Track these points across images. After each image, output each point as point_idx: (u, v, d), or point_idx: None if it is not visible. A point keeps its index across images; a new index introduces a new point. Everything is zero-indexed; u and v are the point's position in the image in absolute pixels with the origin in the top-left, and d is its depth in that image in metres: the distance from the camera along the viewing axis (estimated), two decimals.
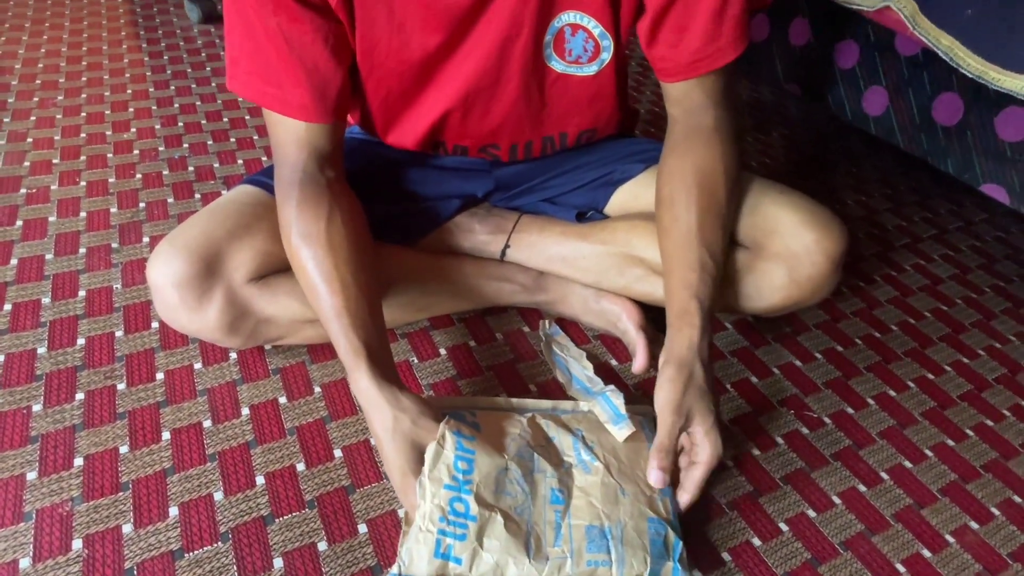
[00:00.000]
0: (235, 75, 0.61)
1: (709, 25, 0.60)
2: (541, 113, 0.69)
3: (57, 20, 1.50)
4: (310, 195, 0.61)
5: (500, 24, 0.60)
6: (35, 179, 0.98)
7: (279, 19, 0.57)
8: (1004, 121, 0.79)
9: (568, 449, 0.58)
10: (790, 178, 1.20)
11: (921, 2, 0.80)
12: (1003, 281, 1.01)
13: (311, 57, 0.58)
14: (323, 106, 0.60)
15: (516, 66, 0.63)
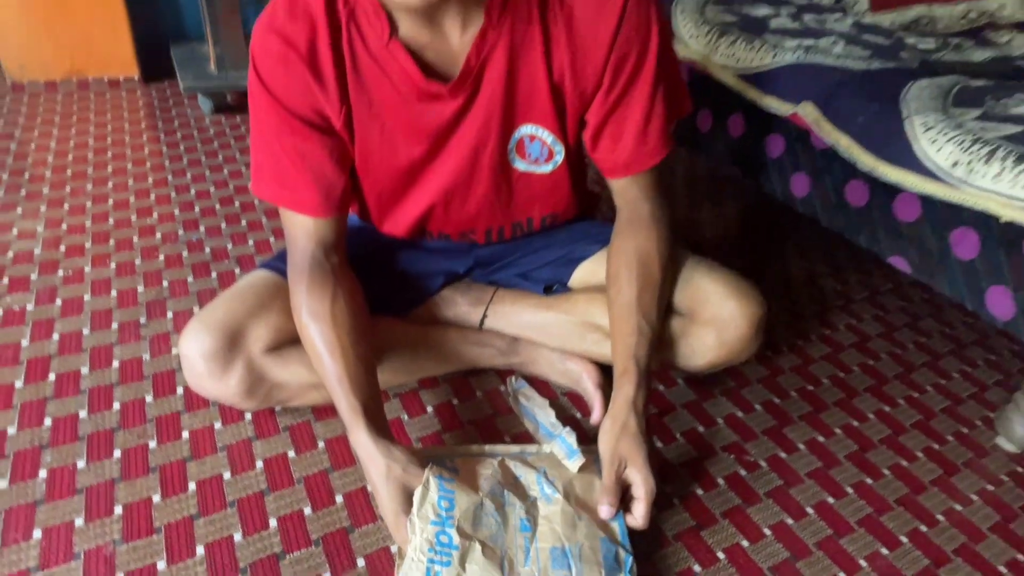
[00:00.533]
0: (258, 181, 0.75)
1: (637, 136, 0.75)
2: (509, 204, 0.83)
3: (83, 114, 1.67)
4: (317, 278, 0.74)
5: (471, 136, 0.75)
6: (70, 261, 1.11)
7: (295, 140, 0.71)
8: (900, 204, 0.94)
9: (533, 485, 0.69)
10: (742, 245, 1.35)
11: (823, 109, 0.97)
12: (924, 337, 1.15)
13: (319, 167, 0.73)
14: (329, 204, 0.74)
15: (486, 168, 0.78)
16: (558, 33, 0.69)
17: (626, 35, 0.69)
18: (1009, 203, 0.77)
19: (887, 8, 1.31)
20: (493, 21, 0.67)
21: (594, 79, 0.71)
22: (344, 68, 0.69)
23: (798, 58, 1.04)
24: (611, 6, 0.68)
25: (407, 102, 0.71)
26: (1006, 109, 0.88)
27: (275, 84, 0.69)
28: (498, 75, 0.70)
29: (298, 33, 0.66)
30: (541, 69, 0.70)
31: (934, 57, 1.15)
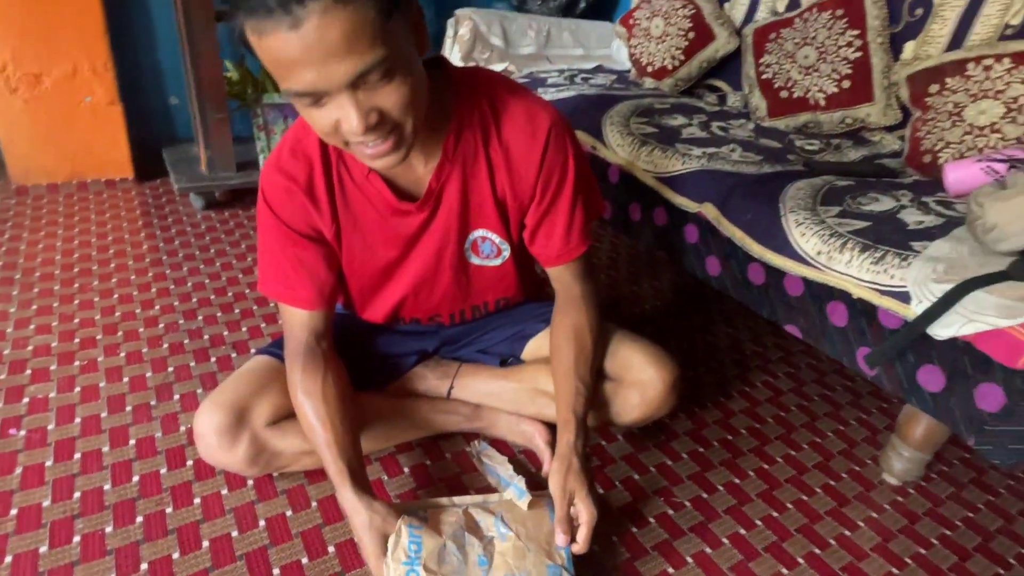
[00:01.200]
0: (264, 283, 0.93)
1: (564, 234, 0.94)
2: (468, 291, 1.02)
3: (84, 214, 1.83)
4: (310, 362, 0.91)
5: (435, 240, 0.94)
6: (85, 352, 1.25)
7: (296, 250, 0.90)
8: (788, 283, 1.15)
9: (491, 527, 0.85)
10: (674, 314, 1.55)
11: (721, 209, 1.19)
12: (829, 390, 1.35)
13: (315, 270, 0.91)
14: (321, 300, 0.92)
15: (448, 264, 0.97)
16: (498, 161, 0.89)
17: (550, 160, 0.89)
18: (858, 284, 0.99)
19: (781, 115, 1.58)
20: (448, 155, 0.87)
21: (528, 193, 0.91)
22: (335, 195, 0.88)
23: (702, 165, 1.28)
24: (538, 140, 0.88)
25: (384, 217, 0.90)
26: (860, 207, 1.11)
27: (280, 210, 0.87)
28: (454, 194, 0.89)
29: (299, 171, 0.86)
30: (487, 188, 0.90)
31: (817, 156, 1.41)
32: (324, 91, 0.64)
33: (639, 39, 1.93)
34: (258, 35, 0.61)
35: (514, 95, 0.87)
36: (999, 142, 1.19)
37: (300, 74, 0.62)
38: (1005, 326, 0.82)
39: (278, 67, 0.63)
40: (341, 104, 0.65)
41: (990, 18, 1.33)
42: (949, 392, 0.94)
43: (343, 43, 0.60)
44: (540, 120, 0.86)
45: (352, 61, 0.62)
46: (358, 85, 0.64)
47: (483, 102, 0.85)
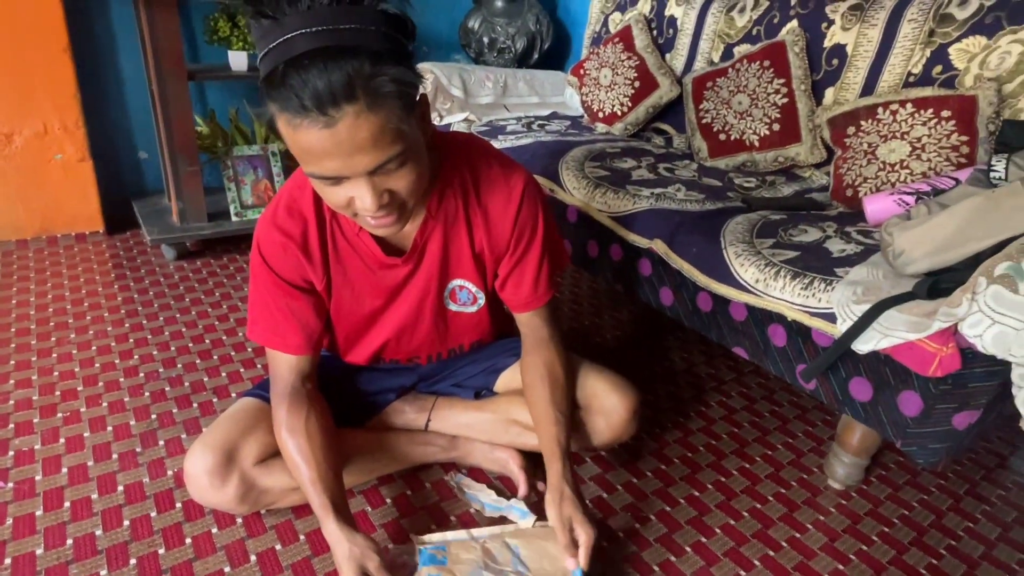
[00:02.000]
0: (254, 329, 0.99)
1: (533, 284, 1.03)
2: (446, 335, 1.10)
3: (56, 268, 1.86)
4: (294, 402, 0.97)
5: (418, 290, 1.02)
6: (67, 404, 1.28)
7: (287, 299, 0.96)
8: (733, 309, 1.26)
9: (507, 562, 0.92)
10: (634, 343, 1.65)
11: (669, 245, 1.31)
12: (777, 406, 1.46)
13: (304, 318, 0.97)
14: (308, 346, 0.99)
15: (428, 311, 1.04)
16: (477, 220, 0.98)
17: (523, 219, 0.98)
18: (791, 307, 1.10)
19: (721, 155, 1.73)
20: (432, 214, 0.95)
21: (502, 248, 1.00)
22: (327, 250, 0.96)
23: (651, 204, 1.40)
24: (512, 201, 0.96)
25: (372, 270, 0.98)
26: (791, 239, 1.24)
27: (275, 263, 0.94)
28: (436, 248, 0.98)
29: (294, 228, 0.93)
30: (466, 244, 0.99)
31: (754, 192, 1.55)
32: (345, 176, 0.72)
33: (590, 87, 2.08)
34: (292, 128, 0.67)
35: (491, 160, 0.97)
36: (908, 177, 1.34)
37: (327, 163, 0.70)
38: (915, 339, 0.94)
39: (306, 155, 0.70)
40: (358, 186, 0.73)
41: (895, 67, 1.50)
42: (876, 401, 1.05)
43: (370, 141, 0.68)
44: (515, 183, 0.96)
45: (375, 155, 0.70)
46: (375, 172, 0.72)
47: (464, 167, 0.95)
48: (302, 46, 0.65)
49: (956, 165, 1.30)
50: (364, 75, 0.65)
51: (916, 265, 1.01)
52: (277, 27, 0.66)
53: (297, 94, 0.65)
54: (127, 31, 2.03)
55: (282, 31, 0.66)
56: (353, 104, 0.66)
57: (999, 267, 0.86)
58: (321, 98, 0.64)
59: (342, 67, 0.64)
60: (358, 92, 0.65)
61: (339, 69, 0.64)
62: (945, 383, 0.95)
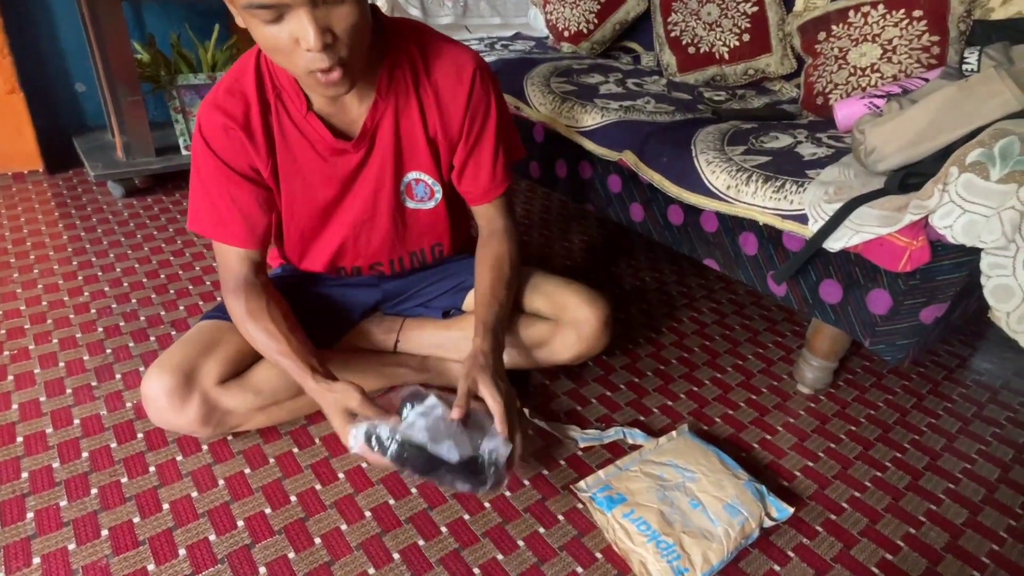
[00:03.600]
0: (195, 221, 0.95)
1: (489, 172, 0.99)
2: (405, 235, 1.05)
3: None
4: (251, 292, 0.93)
5: (371, 180, 0.97)
6: (14, 342, 1.22)
7: (229, 186, 0.91)
8: (704, 220, 1.24)
9: (674, 475, 0.95)
10: (605, 264, 1.63)
11: (639, 156, 1.27)
12: (748, 320, 1.46)
13: (247, 208, 0.93)
14: (253, 238, 0.94)
15: (384, 206, 1.00)
16: (428, 101, 0.93)
17: (475, 100, 0.94)
18: (764, 211, 1.08)
19: (691, 70, 1.68)
20: (382, 95, 0.90)
21: (456, 132, 0.96)
22: (272, 132, 0.91)
23: (620, 117, 1.35)
24: (464, 81, 0.92)
25: (321, 156, 0.93)
26: (762, 145, 1.21)
27: (217, 146, 0.89)
28: (388, 134, 0.93)
29: (236, 108, 0.88)
30: (419, 128, 0.94)
31: (724, 105, 1.51)
32: (286, 4, 0.68)
33: (554, 5, 1.98)
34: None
35: (440, 40, 0.93)
36: (879, 80, 1.31)
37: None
38: (885, 233, 0.93)
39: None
40: (300, 19, 0.69)
41: None
42: (846, 302, 1.05)
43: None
44: (465, 63, 0.92)
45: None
46: (317, 3, 0.69)
47: (412, 46, 0.90)
48: None
49: (927, 67, 1.28)
50: None
51: (888, 161, 0.99)
52: None
53: None
54: None
55: None
56: None
57: (971, 155, 0.85)
58: None
59: None
60: None
61: None
62: (914, 278, 0.95)
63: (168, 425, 0.94)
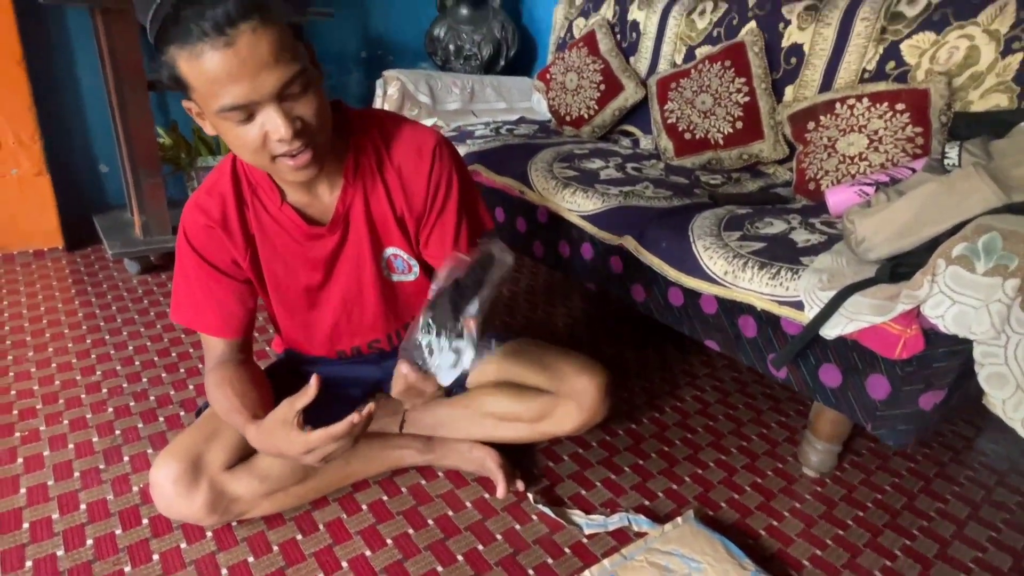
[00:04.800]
0: (176, 310, 1.00)
1: (452, 243, 1.00)
2: (395, 307, 1.07)
3: (13, 287, 1.80)
4: (221, 365, 0.97)
5: (351, 260, 1.00)
6: (25, 423, 1.23)
7: (207, 280, 0.97)
8: (703, 302, 1.27)
9: (680, 565, 0.95)
10: (608, 338, 1.65)
11: (639, 241, 1.32)
12: (750, 399, 1.47)
13: (224, 300, 0.98)
14: (228, 328, 0.99)
15: (369, 282, 1.03)
16: (393, 182, 0.97)
17: (436, 175, 0.97)
18: (760, 297, 1.12)
19: (687, 154, 1.76)
20: (350, 181, 0.95)
21: (420, 207, 0.99)
22: (248, 227, 0.96)
23: (620, 202, 1.41)
24: (424, 158, 0.96)
25: (299, 242, 0.98)
26: (757, 231, 1.26)
27: (197, 243, 0.95)
28: (359, 216, 0.97)
29: (214, 207, 0.94)
30: (387, 208, 0.98)
31: (720, 189, 1.57)
32: (255, 102, 0.74)
33: (556, 92, 2.10)
34: (196, 58, 0.71)
35: (401, 123, 0.98)
36: (867, 168, 1.37)
37: (234, 88, 0.72)
38: (879, 322, 0.95)
39: (214, 85, 0.73)
40: (269, 115, 0.76)
41: (850, 64, 1.54)
42: (846, 386, 1.07)
43: (271, 56, 0.72)
44: (425, 141, 0.96)
45: (279, 71, 0.73)
46: (283, 97, 0.75)
47: (374, 131, 0.96)
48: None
49: (912, 156, 1.34)
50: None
51: (878, 251, 1.03)
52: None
53: (195, 23, 0.69)
54: (84, 41, 1.99)
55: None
56: (249, 21, 0.70)
57: (956, 248, 0.89)
58: (218, 19, 0.69)
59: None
60: (251, 10, 0.70)
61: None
62: (910, 365, 0.97)
63: (175, 514, 0.95)
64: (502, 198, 1.70)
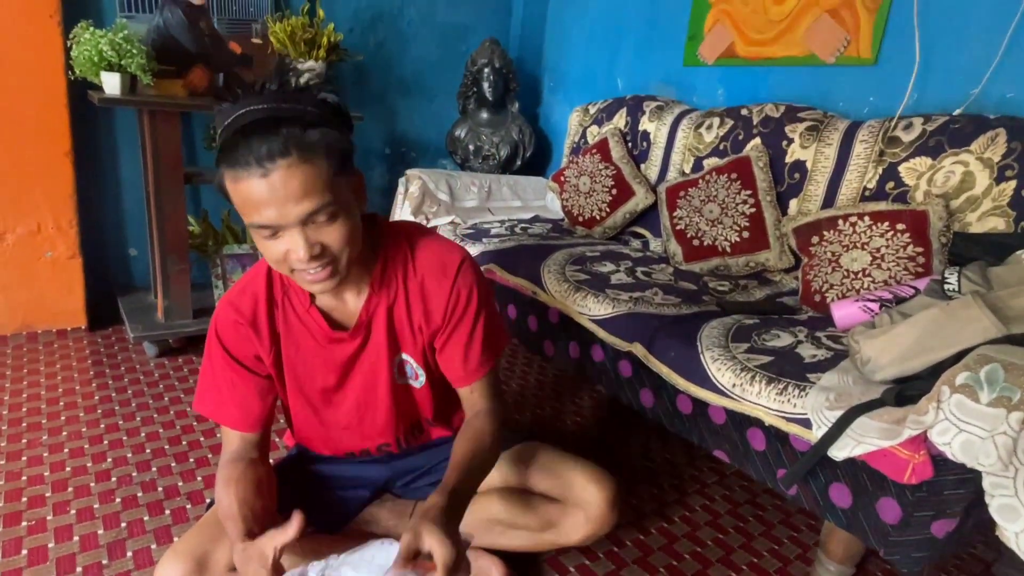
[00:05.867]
0: (199, 402, 1.02)
1: (462, 359, 1.02)
2: (405, 410, 1.09)
3: (34, 366, 1.84)
4: (233, 462, 0.96)
5: (368, 365, 1.03)
6: (33, 512, 1.24)
7: (232, 375, 0.99)
8: (712, 412, 1.28)
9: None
10: (616, 442, 1.65)
11: (649, 349, 1.35)
12: (761, 511, 1.45)
13: (246, 397, 1.00)
14: (247, 423, 1.00)
15: (383, 386, 1.05)
16: (415, 293, 1.01)
17: (456, 292, 1.01)
18: (768, 412, 1.13)
19: (695, 260, 1.81)
20: (375, 290, 0.99)
21: (438, 322, 1.02)
22: (276, 326, 1.00)
23: (629, 308, 1.45)
24: (447, 275, 1.00)
25: (321, 345, 1.01)
26: (764, 343, 1.28)
27: (226, 338, 0.99)
28: (381, 323, 1.01)
29: (246, 306, 0.99)
30: (406, 318, 1.02)
31: (728, 296, 1.61)
32: (281, 226, 0.81)
33: (569, 194, 2.19)
34: (236, 182, 0.80)
35: (430, 239, 1.04)
36: (871, 284, 1.41)
37: (264, 211, 0.80)
38: (887, 446, 0.96)
39: (247, 205, 0.81)
40: (292, 237, 0.82)
41: (851, 182, 1.62)
42: (856, 507, 1.06)
43: (300, 191, 0.79)
44: (450, 259, 1.02)
45: (305, 204, 0.80)
46: (307, 223, 0.82)
47: (404, 244, 1.02)
48: (250, 118, 0.79)
49: (914, 274, 1.38)
50: (296, 136, 0.79)
51: (883, 372, 1.05)
52: (234, 107, 0.81)
53: (242, 154, 0.78)
54: (128, 135, 2.13)
55: (238, 108, 0.81)
56: (286, 158, 0.78)
57: (959, 377, 0.91)
58: (260, 155, 0.78)
59: (280, 132, 0.78)
60: (291, 149, 0.78)
61: (277, 134, 0.78)
62: (920, 490, 0.97)
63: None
64: (515, 297, 1.75)
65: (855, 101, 1.80)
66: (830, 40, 1.81)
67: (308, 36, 2.01)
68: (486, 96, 2.55)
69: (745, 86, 2.08)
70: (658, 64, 2.37)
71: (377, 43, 2.53)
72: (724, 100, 2.15)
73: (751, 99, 2.01)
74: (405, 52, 2.62)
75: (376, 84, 2.58)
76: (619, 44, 2.53)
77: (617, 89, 2.54)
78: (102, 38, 1.69)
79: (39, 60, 1.85)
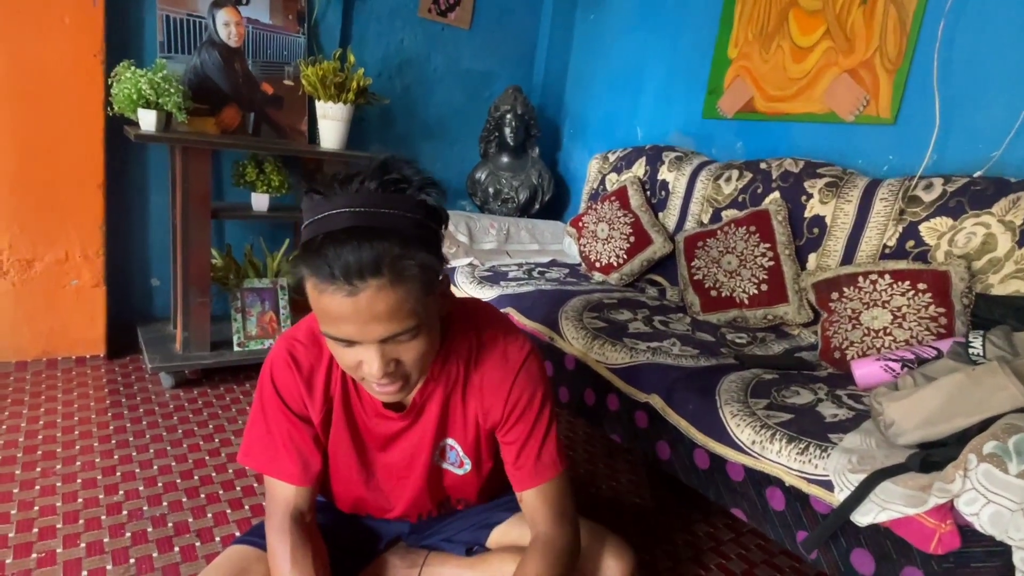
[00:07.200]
0: (248, 453, 0.97)
1: (523, 458, 0.98)
2: (435, 490, 1.08)
3: (51, 393, 1.85)
4: (298, 537, 0.93)
5: (411, 444, 1.02)
6: (43, 544, 1.23)
7: (288, 425, 0.96)
8: (730, 468, 1.26)
9: None
10: (629, 494, 1.62)
11: (666, 401, 1.34)
12: (779, 572, 1.41)
13: (303, 447, 0.97)
14: (306, 477, 0.97)
15: (420, 466, 1.04)
16: (474, 387, 0.99)
17: (517, 390, 0.98)
18: (789, 472, 1.11)
19: (713, 311, 1.81)
20: (434, 376, 0.97)
21: (497, 417, 1.00)
22: (330, 392, 0.98)
23: (647, 359, 1.44)
24: (509, 372, 0.98)
25: (371, 418, 1.00)
26: (784, 400, 1.27)
27: (281, 384, 0.96)
28: (435, 409, 0.99)
29: (307, 359, 0.95)
30: (461, 405, 1.01)
31: (746, 349, 1.60)
32: (358, 342, 0.77)
33: (587, 239, 2.21)
34: (318, 292, 0.74)
35: (497, 329, 1.01)
36: (892, 343, 1.40)
37: (344, 327, 0.75)
38: (912, 514, 0.94)
39: (325, 316, 0.75)
40: (368, 351, 0.78)
41: (871, 239, 1.62)
42: (879, 575, 1.03)
43: (386, 313, 0.74)
44: (514, 355, 0.99)
45: (389, 326, 0.75)
46: (387, 341, 0.77)
47: (471, 335, 0.99)
48: (343, 223, 0.73)
49: (936, 335, 1.37)
50: (392, 256, 0.72)
51: (907, 436, 1.04)
52: (326, 202, 0.75)
53: (329, 264, 0.71)
54: (159, 170, 2.19)
55: (329, 206, 0.74)
56: (377, 279, 0.72)
57: (987, 446, 0.89)
58: (349, 270, 0.71)
59: (374, 247, 0.71)
60: (384, 270, 0.72)
61: (371, 248, 0.71)
62: (947, 561, 0.94)
63: None
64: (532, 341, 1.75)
65: (874, 159, 1.81)
66: (849, 99, 1.84)
67: (339, 80, 2.08)
68: (507, 141, 2.60)
69: (764, 140, 2.11)
70: (677, 115, 2.41)
71: (404, 87, 2.60)
72: (743, 153, 2.18)
73: (770, 153, 2.04)
74: (430, 97, 2.69)
75: (401, 127, 2.65)
76: (639, 94, 2.58)
77: (636, 138, 2.58)
78: (142, 77, 1.76)
79: (81, 96, 1.92)
